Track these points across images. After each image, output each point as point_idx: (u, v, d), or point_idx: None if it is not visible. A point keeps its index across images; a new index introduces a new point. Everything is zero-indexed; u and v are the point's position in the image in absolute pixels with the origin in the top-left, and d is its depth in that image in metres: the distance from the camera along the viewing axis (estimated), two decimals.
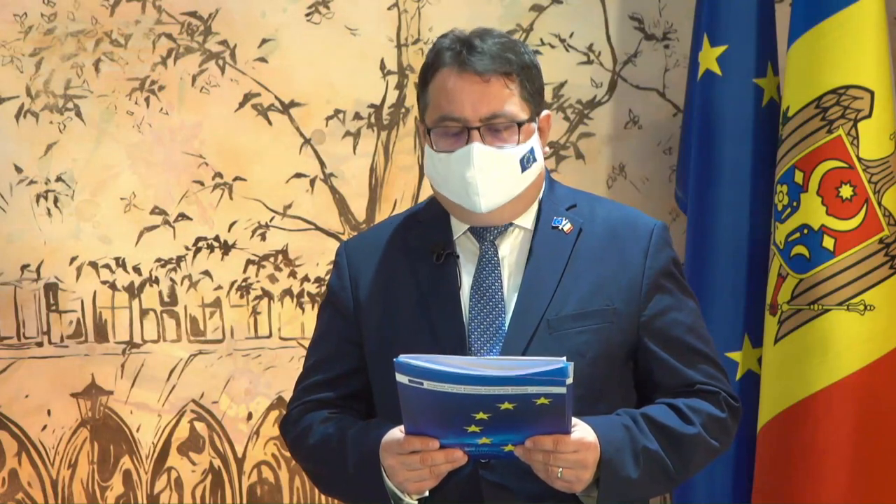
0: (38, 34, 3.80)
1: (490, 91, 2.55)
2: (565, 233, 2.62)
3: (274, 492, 3.93)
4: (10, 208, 3.82)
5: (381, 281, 2.66)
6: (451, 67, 2.57)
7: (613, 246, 2.62)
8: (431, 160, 2.60)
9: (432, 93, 2.59)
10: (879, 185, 3.56)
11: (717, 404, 2.61)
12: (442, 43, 2.61)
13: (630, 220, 2.67)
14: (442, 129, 2.57)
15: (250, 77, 3.87)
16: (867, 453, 3.54)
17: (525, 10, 3.95)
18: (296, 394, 2.73)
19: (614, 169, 4.00)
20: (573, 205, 2.66)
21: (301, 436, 2.66)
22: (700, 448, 2.58)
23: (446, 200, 2.63)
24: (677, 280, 2.65)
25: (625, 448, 2.49)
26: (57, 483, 3.86)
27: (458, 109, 2.55)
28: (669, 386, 2.61)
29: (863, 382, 3.53)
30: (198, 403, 3.89)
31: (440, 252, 2.62)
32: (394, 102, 3.92)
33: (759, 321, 3.67)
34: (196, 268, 3.88)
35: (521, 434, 2.41)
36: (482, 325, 2.58)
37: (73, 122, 3.82)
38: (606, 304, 2.58)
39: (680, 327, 2.62)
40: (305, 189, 3.90)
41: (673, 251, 2.66)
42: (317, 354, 2.73)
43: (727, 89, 3.72)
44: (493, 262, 2.61)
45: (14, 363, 3.83)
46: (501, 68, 2.56)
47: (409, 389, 2.36)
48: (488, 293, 2.59)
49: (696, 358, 2.62)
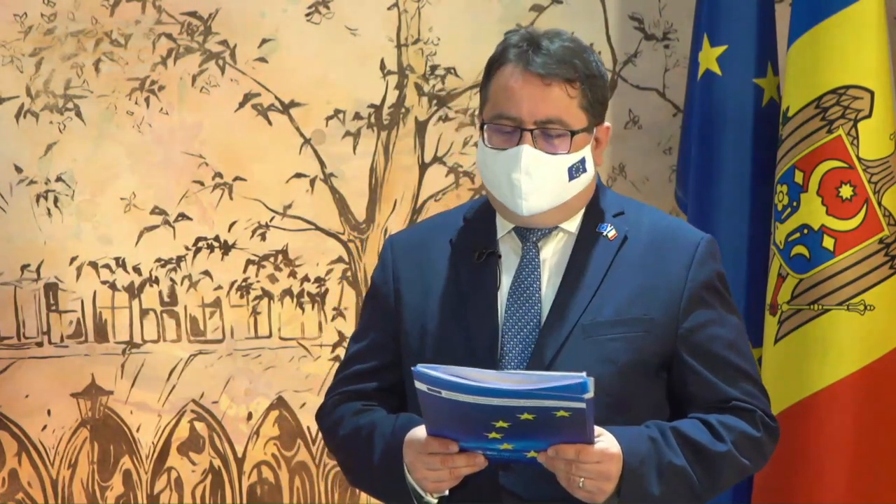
0: (38, 34, 3.80)
1: (549, 95, 2.52)
2: (609, 239, 2.59)
3: (274, 492, 3.93)
4: (10, 208, 3.82)
5: (423, 277, 2.64)
6: (516, 65, 2.53)
7: (657, 255, 2.58)
8: (483, 154, 2.58)
9: (492, 88, 2.57)
10: (879, 185, 3.56)
11: (753, 423, 2.56)
12: (510, 39, 2.57)
13: (677, 231, 2.63)
14: (496, 125, 2.55)
15: (250, 77, 3.87)
16: (867, 453, 3.54)
17: (525, 10, 3.95)
18: (333, 384, 2.73)
19: (614, 169, 4.00)
20: (620, 212, 2.63)
21: (334, 426, 2.66)
22: (729, 466, 2.53)
23: (492, 197, 2.61)
24: (721, 295, 2.60)
25: (649, 462, 2.45)
26: (57, 483, 3.86)
27: (514, 109, 2.52)
28: (704, 400, 2.56)
29: (863, 382, 3.53)
30: (198, 403, 3.89)
31: (482, 251, 2.61)
32: (394, 102, 3.92)
33: (759, 321, 3.67)
34: (196, 268, 3.88)
35: (543, 442, 2.38)
36: (516, 326, 2.56)
37: (73, 122, 3.82)
38: (644, 314, 2.55)
39: (720, 342, 2.57)
40: (305, 189, 3.90)
41: (719, 265, 2.61)
42: (356, 346, 2.71)
43: (727, 89, 3.71)
44: (533, 263, 2.59)
45: (14, 363, 3.83)
46: (565, 74, 2.52)
47: (429, 397, 2.35)
48: (525, 294, 2.57)
49: (734, 374, 2.57)
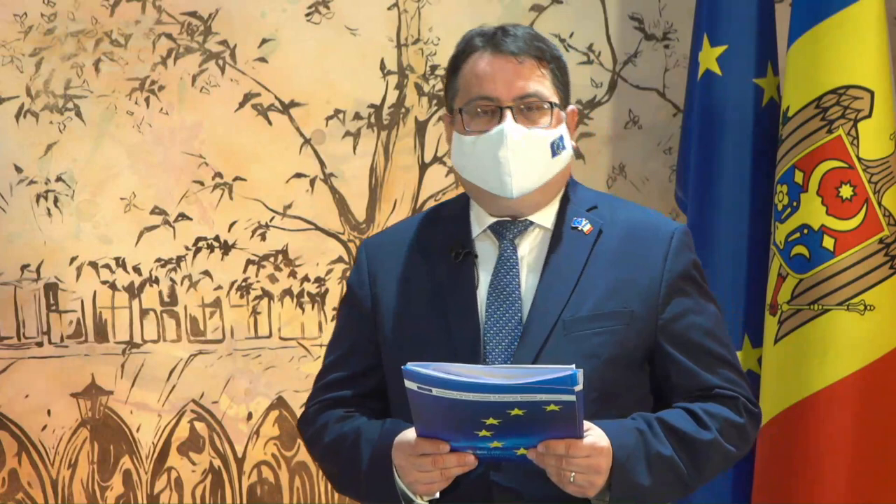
0: (38, 34, 3.80)
1: (523, 71, 2.56)
2: (585, 234, 2.60)
3: (274, 492, 3.93)
4: (10, 208, 3.82)
5: (400, 279, 2.64)
6: (485, 49, 2.58)
7: (633, 248, 2.60)
8: (460, 145, 2.59)
9: (463, 77, 2.59)
10: (879, 185, 3.56)
11: (736, 409, 2.58)
12: (471, 32, 2.62)
13: (651, 223, 2.65)
14: (474, 109, 2.57)
15: (250, 77, 3.87)
16: (867, 453, 3.54)
17: (525, 10, 3.95)
18: (313, 392, 2.72)
19: (614, 169, 4.00)
20: (594, 206, 2.65)
21: (317, 434, 2.66)
22: (716, 454, 2.55)
23: (474, 188, 2.61)
24: (698, 284, 2.62)
25: (638, 454, 2.47)
26: (57, 483, 3.86)
27: (490, 89, 2.55)
28: (687, 389, 2.58)
29: (863, 382, 3.53)
30: (198, 403, 3.89)
31: (459, 251, 2.61)
32: (394, 102, 3.92)
33: (759, 321, 3.67)
34: (196, 268, 3.88)
35: (533, 438, 2.39)
36: (497, 325, 2.56)
37: (73, 122, 3.82)
38: (623, 307, 2.56)
39: (699, 331, 2.59)
40: (305, 189, 3.90)
41: (694, 255, 2.63)
42: (334, 352, 2.71)
43: (727, 89, 3.71)
44: (511, 261, 2.60)
45: (14, 363, 3.83)
46: (535, 52, 2.57)
47: (419, 396, 2.35)
48: (505, 293, 2.57)
49: (715, 362, 2.59)
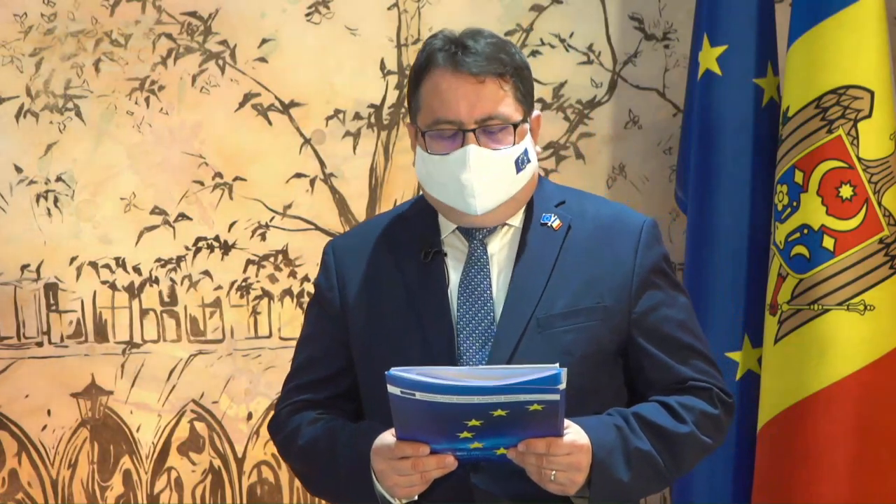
0: (38, 34, 3.80)
1: (485, 92, 2.53)
2: (554, 229, 2.61)
3: (274, 492, 3.93)
4: (10, 208, 3.82)
5: (369, 280, 2.64)
6: (445, 68, 2.54)
7: (603, 243, 2.60)
8: (424, 162, 2.58)
9: (425, 95, 2.56)
10: (879, 185, 3.56)
11: (710, 401, 2.59)
12: (433, 44, 2.57)
13: (620, 217, 2.65)
14: (436, 131, 2.55)
15: (250, 77, 3.87)
16: (867, 453, 3.54)
17: (525, 10, 3.94)
18: (283, 394, 2.71)
19: (614, 169, 4.00)
20: (562, 201, 2.65)
21: (290, 437, 2.65)
22: (692, 447, 2.57)
23: (438, 203, 2.61)
24: (668, 276, 2.63)
25: (616, 450, 2.48)
26: (57, 483, 3.86)
27: (452, 112, 2.52)
28: (661, 382, 2.60)
29: (863, 382, 3.53)
30: (198, 403, 3.89)
31: (428, 250, 2.60)
32: (394, 102, 3.92)
33: (759, 321, 3.67)
34: (196, 268, 3.88)
35: (513, 438, 2.39)
36: (471, 325, 2.56)
37: (73, 122, 3.82)
38: (596, 302, 2.57)
39: (671, 323, 2.60)
40: (305, 189, 3.90)
41: (663, 247, 2.65)
42: (304, 354, 2.70)
43: (727, 89, 3.71)
44: (481, 260, 2.60)
45: (14, 363, 3.83)
46: (496, 69, 2.53)
47: (401, 400, 2.34)
48: (476, 292, 2.58)
49: (687, 354, 2.61)
